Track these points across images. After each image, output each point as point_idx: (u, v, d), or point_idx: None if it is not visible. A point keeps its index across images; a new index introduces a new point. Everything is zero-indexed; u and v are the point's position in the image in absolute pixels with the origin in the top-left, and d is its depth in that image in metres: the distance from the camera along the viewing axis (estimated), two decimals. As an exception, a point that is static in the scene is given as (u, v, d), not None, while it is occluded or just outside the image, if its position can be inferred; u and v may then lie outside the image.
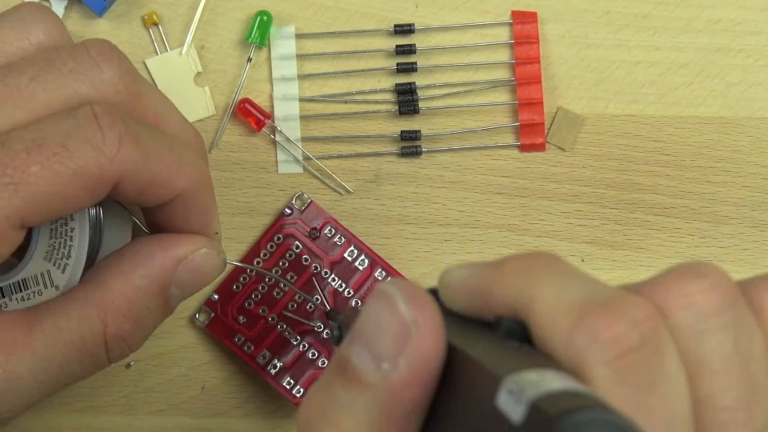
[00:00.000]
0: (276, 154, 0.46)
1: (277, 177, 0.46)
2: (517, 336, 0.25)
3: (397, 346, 0.25)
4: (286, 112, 0.46)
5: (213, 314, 0.45)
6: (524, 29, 0.46)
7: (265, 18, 0.45)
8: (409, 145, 0.46)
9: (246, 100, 0.45)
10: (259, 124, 0.45)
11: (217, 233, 0.38)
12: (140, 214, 0.39)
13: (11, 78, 0.34)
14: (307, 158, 0.46)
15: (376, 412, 0.25)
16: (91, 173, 0.33)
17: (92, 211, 0.37)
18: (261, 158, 0.46)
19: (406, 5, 0.46)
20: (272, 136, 0.46)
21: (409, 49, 0.46)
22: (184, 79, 0.45)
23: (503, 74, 0.46)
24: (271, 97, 0.46)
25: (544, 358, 0.24)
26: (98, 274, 0.36)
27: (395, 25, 0.46)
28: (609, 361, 0.23)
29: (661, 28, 0.46)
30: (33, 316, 0.34)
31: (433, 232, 0.46)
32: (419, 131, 0.46)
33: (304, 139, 0.46)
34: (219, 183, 0.46)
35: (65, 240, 0.37)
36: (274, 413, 0.46)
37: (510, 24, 0.46)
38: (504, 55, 0.46)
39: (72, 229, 0.36)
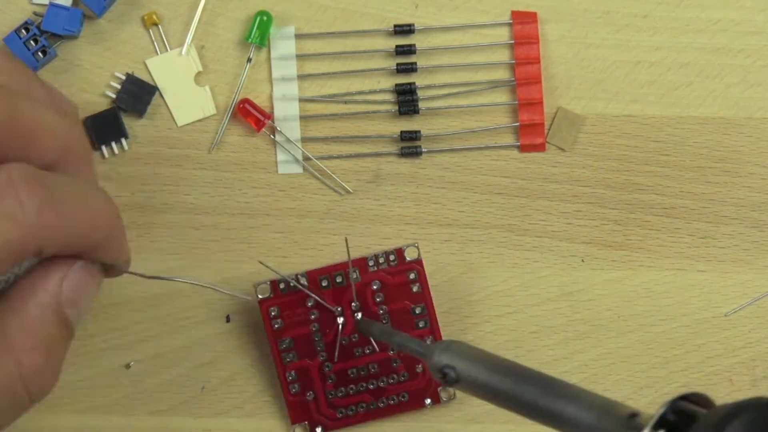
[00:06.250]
0: (276, 154, 0.46)
1: (277, 177, 0.46)
2: None
3: None
4: (286, 112, 0.46)
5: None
6: (524, 29, 0.46)
7: (265, 18, 0.45)
8: (409, 145, 0.46)
9: (246, 101, 0.45)
10: (259, 125, 0.45)
11: (127, 260, 0.37)
12: None
13: None
14: (307, 158, 0.46)
15: None
16: (12, 248, 0.32)
17: None
18: (261, 158, 0.46)
19: (406, 5, 0.46)
20: (272, 137, 0.46)
21: (409, 50, 0.46)
22: (185, 79, 0.45)
23: (503, 74, 0.46)
24: (271, 98, 0.46)
25: None
26: None
27: (395, 26, 0.46)
28: None
29: (661, 28, 0.46)
30: None
31: (433, 232, 0.46)
32: (419, 131, 0.46)
33: (304, 140, 0.46)
34: (219, 183, 0.46)
35: None
36: (274, 414, 0.46)
37: (510, 24, 0.46)
38: (504, 56, 0.46)
39: None
